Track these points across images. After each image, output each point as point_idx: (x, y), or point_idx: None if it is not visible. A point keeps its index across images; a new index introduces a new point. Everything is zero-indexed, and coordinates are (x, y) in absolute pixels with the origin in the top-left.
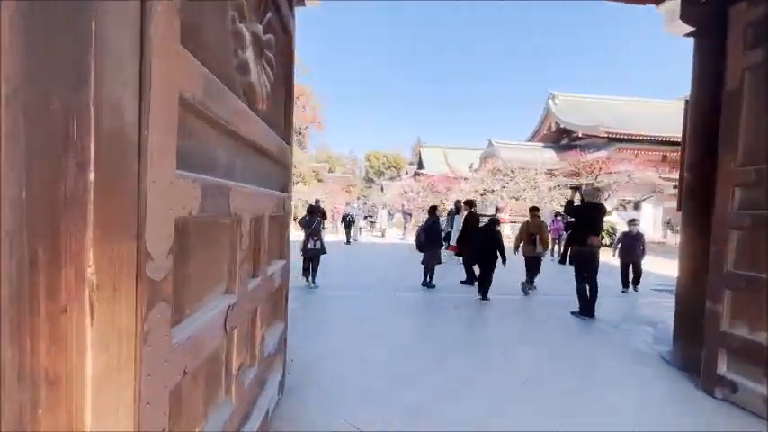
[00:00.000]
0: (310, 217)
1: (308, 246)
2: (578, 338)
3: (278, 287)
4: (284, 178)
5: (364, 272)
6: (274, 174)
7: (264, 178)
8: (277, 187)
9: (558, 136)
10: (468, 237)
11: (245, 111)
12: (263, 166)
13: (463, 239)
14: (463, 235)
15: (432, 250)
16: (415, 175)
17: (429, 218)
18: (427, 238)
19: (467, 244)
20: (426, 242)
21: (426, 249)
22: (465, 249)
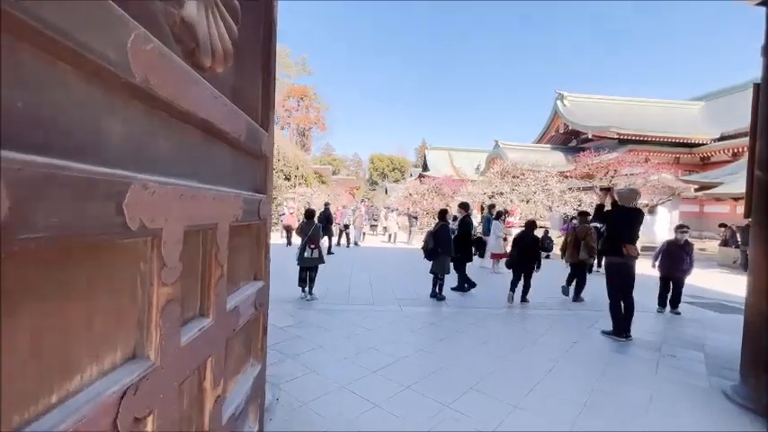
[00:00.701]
0: (307, 222)
1: (305, 254)
2: (617, 368)
3: (251, 319)
4: (258, 174)
5: (367, 281)
6: (241, 168)
7: (222, 173)
8: (247, 186)
9: (567, 138)
10: (464, 242)
11: (177, 65)
12: (220, 155)
13: (459, 245)
14: (459, 239)
15: (441, 258)
16: (420, 176)
17: (438, 222)
18: (437, 245)
19: (464, 250)
20: (435, 249)
21: (435, 257)
22: (465, 255)
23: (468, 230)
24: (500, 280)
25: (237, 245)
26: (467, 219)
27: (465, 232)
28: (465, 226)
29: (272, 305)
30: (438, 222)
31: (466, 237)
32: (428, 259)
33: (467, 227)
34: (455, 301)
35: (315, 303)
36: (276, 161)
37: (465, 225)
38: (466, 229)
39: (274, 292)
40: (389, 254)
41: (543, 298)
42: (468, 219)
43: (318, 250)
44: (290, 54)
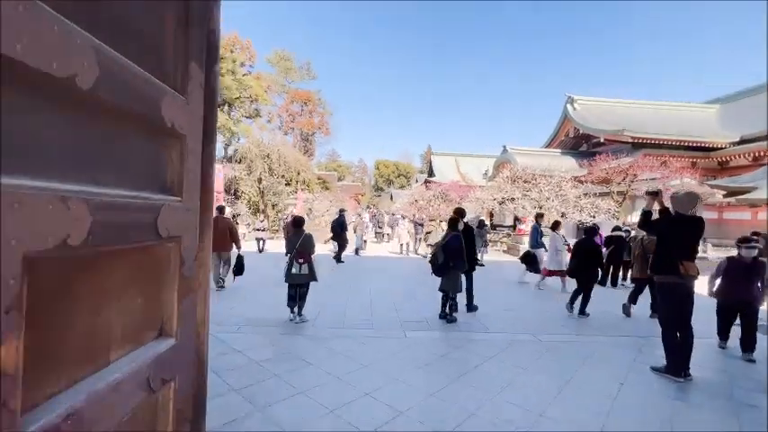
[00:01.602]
0: (295, 232)
1: (292, 270)
2: (686, 424)
3: (142, 406)
4: (162, 164)
5: (367, 298)
6: (129, 152)
7: (51, 157)
8: (139, 183)
9: (577, 142)
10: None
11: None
12: (47, 124)
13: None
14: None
15: (453, 274)
16: (426, 182)
17: (448, 232)
18: (448, 259)
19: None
20: (446, 264)
21: (446, 273)
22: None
23: (596, 251)
24: (533, 299)
25: (102, 282)
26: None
27: (594, 252)
28: (591, 247)
29: (253, 330)
30: (448, 232)
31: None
32: (437, 275)
33: (594, 247)
34: (468, 323)
35: (304, 327)
36: (276, 165)
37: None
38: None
39: (259, 314)
40: (393, 265)
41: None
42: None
43: (309, 265)
44: (293, 58)
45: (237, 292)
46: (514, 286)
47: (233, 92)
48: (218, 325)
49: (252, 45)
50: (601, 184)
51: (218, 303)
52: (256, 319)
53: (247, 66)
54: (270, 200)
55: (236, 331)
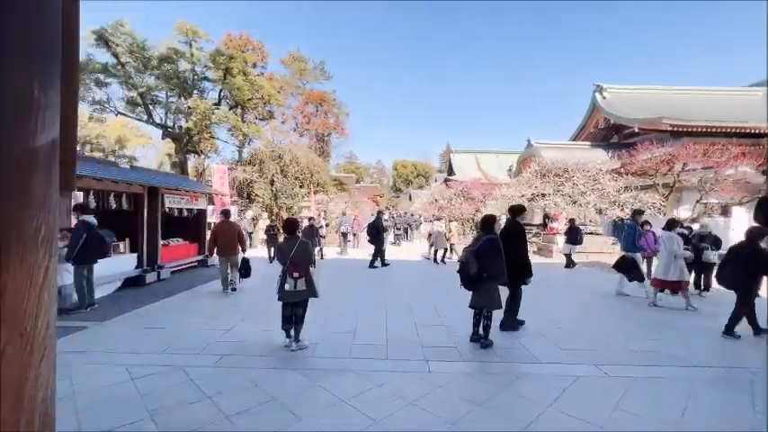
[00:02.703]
0: (287, 240)
1: (285, 286)
2: None
3: None
4: None
5: (380, 314)
6: None
7: None
8: None
9: (608, 133)
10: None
11: None
12: None
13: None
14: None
15: (489, 287)
16: (446, 181)
17: (481, 235)
18: (482, 269)
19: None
20: (480, 275)
21: (479, 285)
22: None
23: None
24: (585, 312)
25: None
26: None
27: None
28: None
29: (238, 362)
30: (481, 235)
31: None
32: (468, 288)
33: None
34: (507, 349)
35: (301, 357)
36: (289, 167)
37: (512, 235)
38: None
39: (252, 337)
40: (413, 271)
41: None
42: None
43: (306, 279)
44: (307, 59)
45: (237, 306)
46: (558, 294)
47: (245, 93)
48: (199, 353)
49: (264, 46)
50: (638, 176)
51: (213, 321)
52: (247, 343)
53: (260, 67)
54: (284, 203)
55: (215, 364)
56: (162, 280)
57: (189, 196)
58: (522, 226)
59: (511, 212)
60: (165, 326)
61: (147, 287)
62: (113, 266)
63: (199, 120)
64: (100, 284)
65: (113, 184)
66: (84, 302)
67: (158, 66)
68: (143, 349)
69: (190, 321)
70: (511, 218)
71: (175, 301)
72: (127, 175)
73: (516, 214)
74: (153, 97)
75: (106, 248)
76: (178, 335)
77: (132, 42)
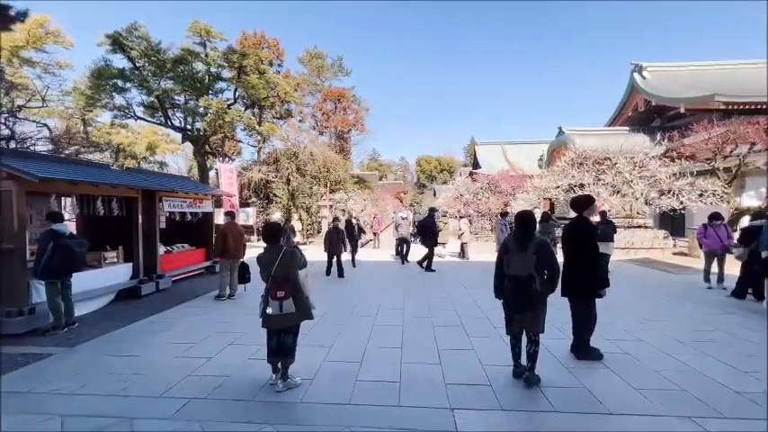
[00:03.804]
0: (269, 249)
1: (267, 309)
2: None
3: None
4: None
5: (394, 334)
6: None
7: None
8: None
9: (649, 116)
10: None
11: None
12: None
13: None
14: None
15: (542, 304)
16: (471, 174)
17: (522, 235)
18: (533, 280)
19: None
20: (532, 286)
21: (529, 303)
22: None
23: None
24: (657, 332)
25: None
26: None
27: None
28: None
29: (205, 409)
30: (522, 236)
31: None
32: (516, 308)
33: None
34: (567, 391)
35: (288, 402)
36: (305, 165)
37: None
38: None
39: (233, 370)
40: (437, 275)
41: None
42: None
43: (296, 298)
44: (325, 56)
45: (229, 323)
46: (614, 303)
47: (260, 91)
48: (161, 396)
49: (279, 43)
50: (689, 160)
51: (196, 346)
52: (227, 380)
53: (276, 65)
54: (303, 202)
55: (174, 414)
56: (161, 290)
57: (192, 199)
58: (591, 224)
59: (576, 206)
60: (139, 353)
61: (143, 299)
62: (104, 278)
63: (213, 120)
64: (88, 299)
65: (97, 187)
66: (61, 322)
67: (173, 68)
68: (97, 389)
69: (170, 346)
70: (577, 213)
71: (166, 317)
72: (114, 177)
73: (583, 207)
74: (170, 100)
75: (76, 260)
76: (149, 366)
77: (147, 46)
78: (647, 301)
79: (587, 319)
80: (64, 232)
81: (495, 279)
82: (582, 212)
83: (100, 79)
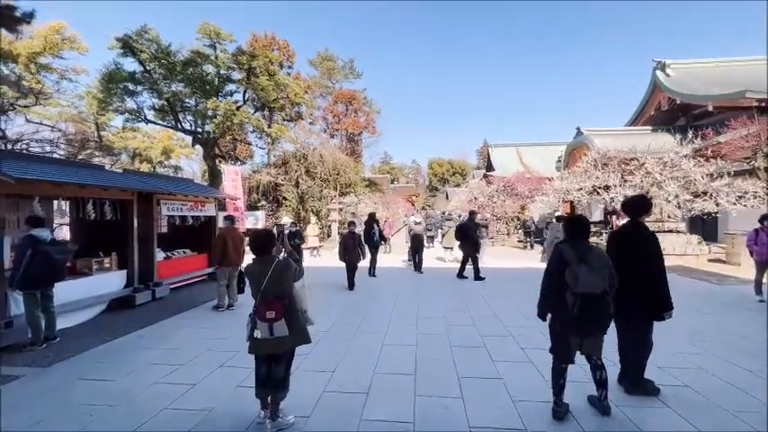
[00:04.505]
0: (259, 262)
1: (254, 333)
2: None
3: None
4: None
5: (407, 356)
6: None
7: None
8: None
9: (673, 115)
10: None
11: None
12: None
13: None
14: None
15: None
16: (485, 176)
17: (575, 239)
18: (604, 298)
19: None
20: (603, 306)
21: (598, 324)
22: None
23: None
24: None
25: None
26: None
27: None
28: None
29: None
30: (595, 246)
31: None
32: (584, 334)
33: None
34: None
35: None
36: (315, 167)
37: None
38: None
39: (216, 402)
40: (450, 283)
41: None
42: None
43: (291, 319)
44: (336, 58)
45: (224, 340)
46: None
47: (270, 93)
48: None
49: (290, 45)
50: (722, 160)
51: (182, 369)
52: (208, 415)
53: (286, 67)
54: (313, 206)
55: None
56: (158, 299)
57: (193, 202)
58: (651, 231)
59: (630, 209)
60: (115, 376)
61: (137, 309)
62: (95, 286)
63: (221, 122)
64: (77, 309)
65: (85, 189)
66: (40, 338)
67: (182, 70)
68: (54, 424)
69: (152, 368)
70: (630, 218)
71: (157, 330)
72: (105, 179)
73: (641, 211)
74: (181, 103)
75: (58, 269)
76: (123, 394)
77: (157, 48)
78: (693, 317)
79: (643, 346)
80: (44, 238)
81: (545, 297)
82: (639, 217)
83: (111, 83)
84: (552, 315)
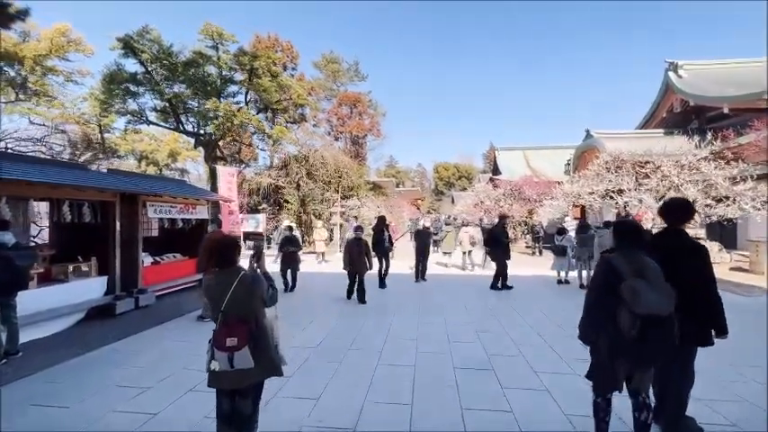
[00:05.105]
0: (218, 275)
1: (212, 365)
2: None
3: None
4: None
5: (397, 386)
6: None
7: None
8: None
9: (685, 117)
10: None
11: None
12: None
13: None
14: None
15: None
16: (491, 180)
17: (629, 249)
18: (669, 321)
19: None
20: (667, 328)
21: (662, 354)
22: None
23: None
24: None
25: None
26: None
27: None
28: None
29: None
30: (648, 258)
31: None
32: (642, 364)
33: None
34: None
35: None
36: (316, 170)
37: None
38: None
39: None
40: (453, 292)
41: None
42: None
43: (253, 350)
44: (341, 60)
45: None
46: None
47: (272, 94)
48: None
49: (293, 46)
50: (739, 162)
51: (144, 394)
52: None
53: (289, 68)
54: (315, 209)
55: None
56: (141, 307)
57: (183, 204)
58: (698, 242)
59: (672, 214)
60: (72, 401)
61: (117, 319)
62: (71, 294)
63: (222, 123)
64: (49, 319)
65: (56, 189)
66: (0, 352)
67: (184, 71)
68: None
69: (115, 391)
70: (670, 224)
71: (134, 343)
72: (82, 178)
73: (684, 216)
74: (183, 104)
75: (18, 276)
76: (72, 422)
77: (159, 49)
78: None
79: (687, 377)
80: (5, 242)
81: (591, 317)
82: (682, 224)
83: (112, 84)
84: (598, 335)
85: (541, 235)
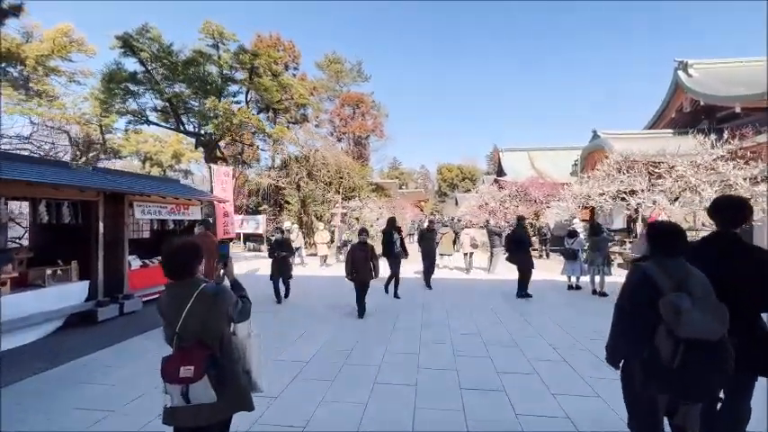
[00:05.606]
0: (173, 287)
1: (164, 399)
2: None
3: None
4: None
5: (396, 413)
6: None
7: None
8: None
9: (695, 117)
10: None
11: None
12: None
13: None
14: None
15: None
16: (496, 181)
17: (670, 257)
18: (722, 345)
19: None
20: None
21: (715, 386)
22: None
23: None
24: None
25: None
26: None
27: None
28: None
29: None
30: (693, 268)
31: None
32: (690, 396)
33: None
34: None
35: None
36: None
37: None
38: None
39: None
40: (460, 298)
41: None
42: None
43: (214, 380)
44: (343, 60)
45: None
46: None
47: (273, 94)
48: None
49: (295, 46)
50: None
51: (111, 417)
52: None
53: (291, 68)
54: (316, 210)
55: None
56: (127, 314)
57: (175, 204)
58: (761, 248)
59: (726, 216)
60: (28, 426)
61: (99, 326)
62: (49, 300)
63: (221, 122)
64: (24, 327)
65: (32, 187)
66: None
67: (184, 70)
68: None
69: (77, 415)
70: (723, 227)
71: (109, 355)
72: (62, 176)
73: (739, 220)
74: (183, 104)
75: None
76: None
77: (159, 48)
78: None
79: (741, 412)
80: None
81: (620, 338)
82: (736, 227)
83: (111, 83)
84: (630, 361)
85: (548, 237)
